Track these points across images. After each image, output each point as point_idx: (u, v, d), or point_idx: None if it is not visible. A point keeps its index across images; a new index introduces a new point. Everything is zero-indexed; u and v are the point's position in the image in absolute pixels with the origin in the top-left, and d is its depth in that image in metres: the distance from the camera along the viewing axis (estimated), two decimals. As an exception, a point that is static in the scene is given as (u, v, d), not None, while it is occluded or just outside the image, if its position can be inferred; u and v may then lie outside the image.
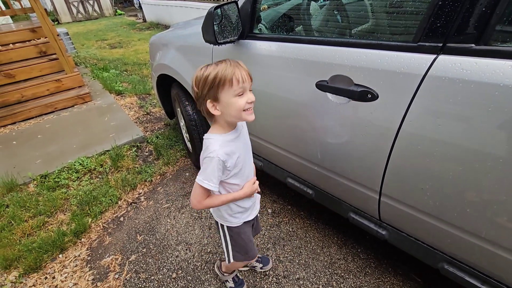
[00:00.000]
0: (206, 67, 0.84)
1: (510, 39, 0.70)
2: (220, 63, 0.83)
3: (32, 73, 3.47)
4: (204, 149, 0.89)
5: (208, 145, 0.88)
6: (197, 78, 0.84)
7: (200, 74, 0.83)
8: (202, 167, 0.89)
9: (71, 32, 8.54)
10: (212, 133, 0.91)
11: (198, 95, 0.86)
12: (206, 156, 0.87)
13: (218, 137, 0.90)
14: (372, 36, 1.02)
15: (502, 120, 0.69)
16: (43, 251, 1.66)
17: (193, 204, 0.94)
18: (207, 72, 0.82)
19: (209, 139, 0.89)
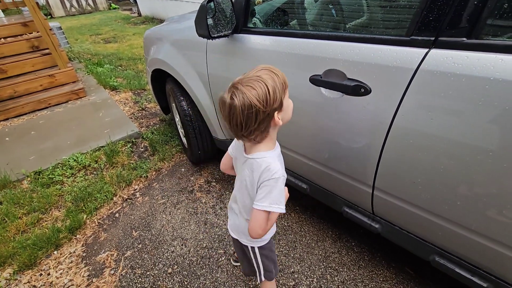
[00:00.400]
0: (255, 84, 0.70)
1: (501, 32, 0.71)
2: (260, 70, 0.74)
3: (25, 68, 3.41)
4: (263, 170, 0.78)
5: (267, 165, 0.78)
6: (261, 97, 0.69)
7: (261, 91, 0.69)
8: (263, 191, 0.78)
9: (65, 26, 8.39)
10: (265, 151, 0.81)
11: (263, 115, 0.71)
12: (269, 178, 0.77)
13: (273, 153, 0.82)
14: (366, 30, 1.02)
15: (492, 114, 0.70)
16: (37, 247, 1.65)
17: (259, 234, 0.82)
18: (266, 83, 0.70)
19: (265, 158, 0.79)
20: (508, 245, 0.80)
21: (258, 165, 0.80)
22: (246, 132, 0.74)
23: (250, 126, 0.73)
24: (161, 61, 1.96)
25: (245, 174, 0.85)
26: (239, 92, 0.70)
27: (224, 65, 1.48)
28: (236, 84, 0.72)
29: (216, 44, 1.46)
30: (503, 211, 0.76)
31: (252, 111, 0.70)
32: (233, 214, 1.02)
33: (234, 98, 0.70)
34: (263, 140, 0.81)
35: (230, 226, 1.05)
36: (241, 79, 0.73)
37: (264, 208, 0.79)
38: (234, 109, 0.71)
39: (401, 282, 1.38)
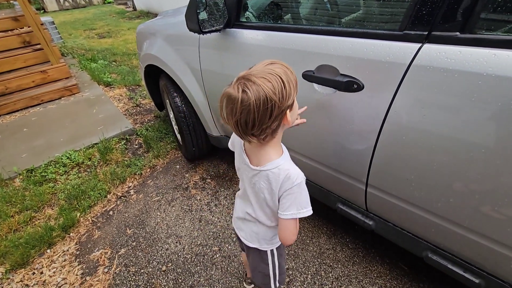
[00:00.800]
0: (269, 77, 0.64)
1: (495, 27, 0.69)
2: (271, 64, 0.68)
3: (16, 64, 3.36)
4: (283, 179, 0.73)
5: (286, 173, 0.73)
6: (277, 90, 0.63)
7: (276, 85, 0.63)
8: (288, 200, 0.74)
9: (58, 21, 8.27)
10: (278, 157, 0.76)
11: (278, 111, 0.66)
12: (292, 185, 0.72)
13: (285, 158, 0.77)
14: (359, 25, 1.00)
15: (485, 110, 0.69)
16: (30, 246, 1.63)
17: (293, 240, 0.80)
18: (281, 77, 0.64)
19: (280, 166, 0.74)
20: (500, 242, 0.80)
21: (275, 176, 0.74)
22: (258, 131, 0.67)
23: (263, 123, 0.65)
24: (154, 56, 1.93)
25: (262, 187, 0.79)
26: (253, 84, 0.62)
27: (217, 61, 1.46)
28: (246, 76, 0.64)
29: (208, 39, 1.43)
30: (495, 208, 0.76)
31: (268, 106, 0.63)
32: (248, 223, 0.95)
33: (247, 91, 0.62)
34: (271, 143, 0.75)
35: (246, 237, 0.97)
36: (251, 72, 0.65)
37: (292, 217, 0.75)
38: (247, 104, 0.62)
39: (395, 278, 1.38)
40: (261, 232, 0.93)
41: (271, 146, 0.76)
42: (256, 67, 0.68)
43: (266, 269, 1.02)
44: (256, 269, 1.04)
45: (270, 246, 0.97)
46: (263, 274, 1.03)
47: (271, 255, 0.99)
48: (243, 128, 0.67)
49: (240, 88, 0.63)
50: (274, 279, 1.05)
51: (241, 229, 0.99)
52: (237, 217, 1.00)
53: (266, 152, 0.76)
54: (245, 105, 0.63)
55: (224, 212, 1.82)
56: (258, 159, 0.78)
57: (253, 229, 0.94)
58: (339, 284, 1.38)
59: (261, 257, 1.00)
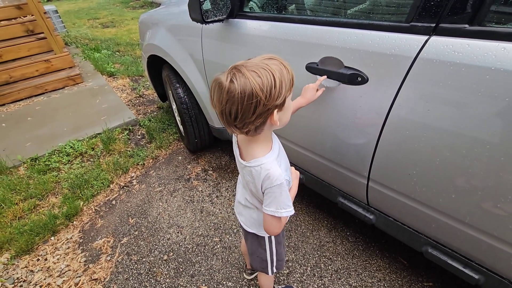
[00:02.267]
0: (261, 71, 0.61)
1: (505, 19, 0.67)
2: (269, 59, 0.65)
3: (20, 53, 3.35)
4: (264, 178, 0.73)
5: (267, 172, 0.72)
6: (266, 87, 0.61)
7: (266, 81, 0.61)
8: (268, 197, 0.75)
9: (62, 10, 8.22)
10: (262, 156, 0.74)
11: (263, 109, 0.63)
12: (272, 185, 0.72)
13: (270, 156, 0.75)
14: (364, 16, 0.98)
15: (492, 106, 0.67)
16: (34, 233, 1.66)
17: (276, 233, 0.82)
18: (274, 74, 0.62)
19: (263, 165, 0.73)
20: (500, 238, 0.80)
21: (257, 173, 0.74)
22: (240, 124, 0.66)
23: (246, 118, 0.64)
24: (156, 46, 1.92)
25: (248, 179, 0.80)
26: (241, 76, 0.60)
27: (219, 51, 1.44)
28: (238, 66, 0.63)
29: (211, 29, 1.42)
30: (497, 205, 0.75)
31: (252, 101, 0.61)
32: (247, 209, 0.96)
33: (234, 81, 0.60)
34: (258, 139, 0.74)
35: (245, 222, 0.99)
36: (245, 63, 0.64)
37: (272, 214, 0.75)
38: (231, 94, 0.61)
39: (394, 272, 1.39)
40: (260, 218, 0.94)
41: (258, 142, 0.75)
42: (253, 59, 0.66)
43: (263, 254, 1.04)
44: (254, 253, 1.06)
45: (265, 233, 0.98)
46: (261, 259, 1.06)
47: (269, 242, 1.01)
48: (227, 117, 0.66)
49: (229, 77, 0.62)
50: (272, 265, 1.07)
51: (241, 214, 1.01)
52: (238, 202, 1.02)
53: (252, 148, 0.75)
54: (230, 95, 0.61)
55: (226, 204, 1.83)
56: (246, 153, 0.78)
57: (253, 215, 0.95)
58: (338, 276, 1.39)
59: (259, 242, 1.02)
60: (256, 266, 1.09)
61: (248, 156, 0.77)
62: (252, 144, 0.75)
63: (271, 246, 1.02)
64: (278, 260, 1.07)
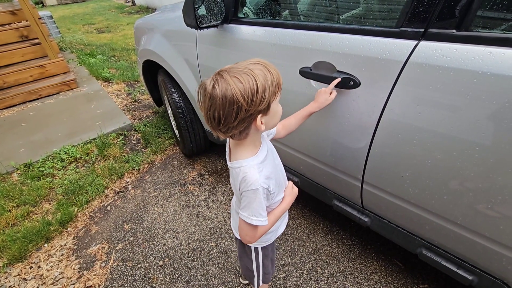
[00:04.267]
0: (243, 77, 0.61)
1: (491, 24, 0.69)
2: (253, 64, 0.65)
3: (14, 59, 3.34)
4: (241, 181, 0.72)
5: (244, 175, 0.71)
6: (247, 93, 0.60)
7: (248, 86, 0.60)
8: (244, 201, 0.74)
9: (57, 15, 8.20)
10: (243, 158, 0.73)
11: (245, 114, 0.63)
12: (246, 189, 0.71)
13: (252, 161, 0.73)
14: (356, 21, 0.99)
15: (480, 108, 0.69)
16: (28, 240, 1.64)
17: (247, 241, 0.81)
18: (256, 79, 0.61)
19: (242, 167, 0.72)
20: (492, 239, 0.81)
21: (236, 174, 0.74)
22: (224, 129, 0.66)
23: (228, 123, 0.64)
24: (151, 52, 1.92)
25: (231, 181, 0.82)
26: (223, 82, 0.61)
27: (214, 56, 1.45)
28: (222, 71, 0.63)
29: (206, 34, 1.43)
30: (488, 206, 0.76)
31: (234, 107, 0.61)
32: (236, 214, 0.95)
33: (216, 87, 0.61)
34: (244, 142, 0.73)
35: (234, 226, 1.00)
36: (230, 67, 0.64)
37: (244, 218, 0.75)
38: (213, 100, 0.61)
39: (390, 274, 1.39)
40: None
41: (244, 145, 0.74)
42: (239, 64, 0.65)
43: (249, 264, 1.03)
44: (241, 260, 1.06)
45: (254, 244, 0.96)
46: (247, 268, 1.05)
47: (255, 253, 0.99)
48: (212, 122, 0.66)
49: (212, 82, 0.62)
50: (258, 277, 1.05)
51: (233, 218, 1.01)
52: (232, 204, 1.02)
53: (237, 150, 0.76)
54: (213, 101, 0.62)
55: (221, 208, 1.83)
56: (233, 155, 0.78)
57: (237, 220, 0.93)
58: (334, 280, 1.39)
59: (244, 251, 1.01)
60: (244, 274, 1.09)
61: (233, 157, 0.77)
62: (238, 147, 0.76)
63: (258, 257, 1.00)
64: (265, 274, 1.06)
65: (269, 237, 0.96)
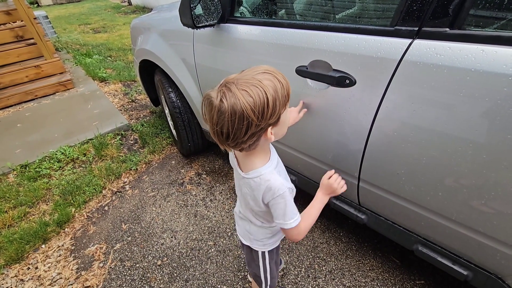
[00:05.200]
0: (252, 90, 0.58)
1: (483, 23, 0.70)
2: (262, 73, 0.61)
3: (9, 59, 3.31)
4: (265, 190, 0.71)
5: (267, 183, 0.71)
6: (257, 107, 0.58)
7: (258, 100, 0.58)
8: (274, 210, 0.74)
9: (52, 15, 8.15)
10: (259, 167, 0.73)
11: (256, 129, 0.61)
12: (275, 196, 0.71)
13: (269, 167, 0.73)
14: (351, 20, 1.00)
15: (473, 106, 0.70)
16: (25, 241, 1.63)
17: (297, 239, 0.81)
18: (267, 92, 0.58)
19: (262, 175, 0.71)
20: (486, 234, 0.82)
21: (256, 184, 0.72)
22: (233, 143, 0.63)
23: (237, 138, 0.61)
24: (148, 51, 1.92)
25: (245, 192, 0.79)
26: (232, 96, 0.57)
27: (211, 56, 1.45)
28: (229, 83, 0.59)
29: (203, 34, 1.43)
30: (482, 202, 0.78)
31: (244, 123, 0.58)
32: (242, 220, 0.96)
33: (224, 101, 0.57)
34: (255, 152, 0.71)
35: (240, 233, 0.99)
36: (237, 78, 0.60)
37: (283, 226, 0.75)
38: (222, 114, 0.58)
39: (387, 271, 1.40)
40: (252, 231, 0.93)
41: (255, 154, 0.73)
42: (246, 72, 0.62)
43: (257, 269, 1.02)
44: (249, 265, 1.06)
45: (261, 248, 0.96)
46: (256, 274, 1.05)
47: (262, 257, 0.99)
48: (219, 136, 0.63)
49: (219, 95, 0.58)
50: (266, 283, 1.06)
51: (238, 225, 1.01)
52: (236, 212, 1.01)
53: (250, 160, 0.74)
54: (221, 116, 0.58)
55: (219, 207, 1.83)
56: (244, 165, 0.76)
57: (246, 227, 0.95)
58: (332, 277, 1.40)
59: (252, 256, 1.01)
60: (253, 279, 1.09)
61: (246, 167, 0.75)
62: (249, 157, 0.73)
63: (265, 262, 0.99)
64: (272, 278, 1.06)
65: (275, 239, 0.96)
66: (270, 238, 0.94)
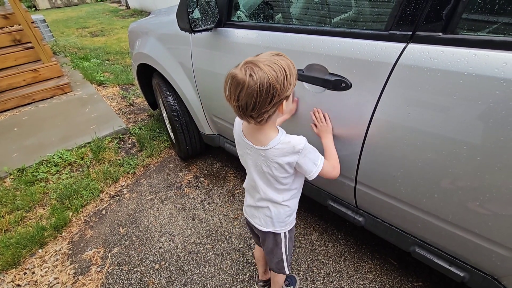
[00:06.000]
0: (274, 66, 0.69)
1: (475, 27, 0.71)
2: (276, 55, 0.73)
3: (6, 63, 3.32)
4: (289, 150, 0.81)
5: (287, 144, 0.81)
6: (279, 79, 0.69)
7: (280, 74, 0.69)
8: (305, 163, 0.84)
9: (50, 19, 8.16)
10: (275, 136, 0.83)
11: (277, 99, 0.72)
12: (300, 152, 0.81)
13: (282, 133, 0.85)
14: (346, 25, 1.01)
15: (466, 108, 0.71)
16: (21, 246, 1.62)
17: (337, 173, 0.95)
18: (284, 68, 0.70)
19: (281, 140, 0.82)
20: (481, 235, 0.83)
21: (280, 151, 0.82)
22: (256, 114, 0.73)
23: (262, 108, 0.72)
24: (146, 55, 1.93)
25: (269, 165, 0.85)
26: (259, 70, 0.68)
27: (209, 59, 1.46)
28: (254, 61, 0.69)
29: (200, 38, 1.44)
30: (477, 203, 0.78)
31: (270, 93, 0.69)
32: (260, 209, 0.98)
33: (253, 75, 0.67)
34: (267, 125, 0.81)
35: (260, 223, 1.00)
36: (256, 59, 0.70)
37: (317, 173, 0.86)
38: (251, 87, 0.68)
39: (385, 273, 1.41)
40: (274, 215, 0.96)
41: (268, 127, 0.82)
42: (263, 56, 0.72)
43: (280, 253, 1.06)
44: (271, 253, 1.07)
45: (283, 228, 1.01)
46: (278, 259, 1.07)
47: (284, 238, 1.03)
48: (243, 109, 0.73)
49: (248, 71, 0.68)
50: (287, 262, 1.09)
51: (255, 216, 1.02)
52: (249, 206, 1.03)
53: (265, 133, 0.83)
54: (250, 89, 0.68)
55: (217, 210, 1.83)
56: (259, 140, 0.84)
57: (267, 213, 0.97)
58: (330, 279, 1.40)
59: (275, 241, 1.03)
60: (273, 268, 1.11)
61: (263, 141, 0.83)
62: (263, 131, 0.83)
63: (286, 242, 1.04)
64: (290, 255, 1.10)
65: (294, 217, 1.03)
66: (290, 216, 1.00)
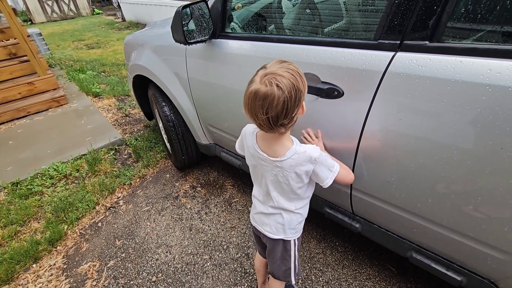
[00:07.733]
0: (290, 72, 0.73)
1: (460, 36, 0.74)
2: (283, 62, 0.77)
3: (2, 76, 3.31)
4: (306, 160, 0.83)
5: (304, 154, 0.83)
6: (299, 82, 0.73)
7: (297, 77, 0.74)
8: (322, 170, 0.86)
9: (46, 32, 8.20)
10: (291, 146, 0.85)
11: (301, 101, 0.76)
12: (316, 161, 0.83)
13: (297, 143, 0.87)
14: (337, 35, 1.04)
15: (455, 114, 0.73)
16: (15, 261, 1.59)
17: (352, 178, 0.96)
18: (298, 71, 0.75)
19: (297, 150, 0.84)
20: (476, 239, 0.84)
21: (296, 161, 0.83)
22: (287, 120, 0.75)
23: (293, 112, 0.74)
24: (142, 67, 1.95)
25: (285, 175, 0.86)
26: (283, 78, 0.70)
27: (203, 70, 1.48)
28: (272, 72, 0.72)
29: (195, 49, 1.46)
30: (470, 207, 0.79)
31: (297, 96, 0.72)
32: (271, 216, 0.98)
33: (280, 84, 0.70)
34: (286, 134, 0.84)
35: (271, 230, 1.00)
36: (269, 70, 0.73)
37: (332, 179, 0.87)
38: (281, 97, 0.70)
39: (384, 280, 1.40)
40: (286, 221, 0.97)
41: (285, 137, 0.85)
42: (273, 65, 0.75)
43: (288, 261, 1.05)
44: (282, 262, 1.06)
45: (294, 236, 1.01)
46: (286, 267, 1.06)
47: (294, 245, 1.03)
48: (274, 120, 0.74)
49: (273, 82, 0.70)
50: (295, 271, 1.08)
51: (265, 224, 1.01)
52: (258, 213, 1.02)
53: (282, 143, 0.85)
54: (277, 98, 0.70)
55: (215, 220, 1.82)
56: (275, 151, 0.86)
57: (278, 220, 0.97)
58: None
59: (285, 248, 1.03)
60: (280, 276, 1.10)
61: (279, 152, 0.85)
62: (280, 141, 0.85)
63: (295, 250, 1.05)
64: (298, 263, 1.10)
65: (302, 225, 1.04)
66: (301, 223, 1.02)
